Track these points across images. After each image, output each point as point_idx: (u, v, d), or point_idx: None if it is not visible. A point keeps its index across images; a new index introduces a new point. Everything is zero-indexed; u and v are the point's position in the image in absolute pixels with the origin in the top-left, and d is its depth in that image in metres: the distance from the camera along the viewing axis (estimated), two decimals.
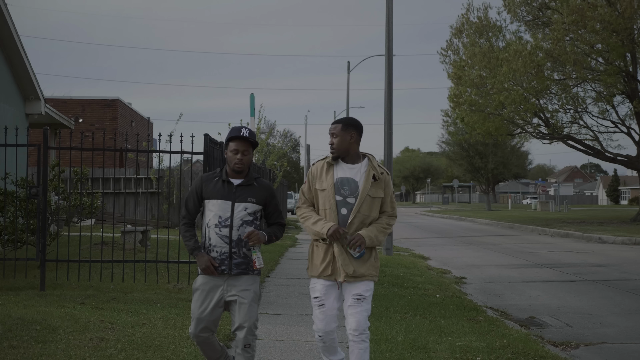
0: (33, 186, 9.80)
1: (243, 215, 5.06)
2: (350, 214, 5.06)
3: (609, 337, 8.56)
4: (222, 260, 5.02)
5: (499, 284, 13.42)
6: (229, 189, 5.08)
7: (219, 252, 5.03)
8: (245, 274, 5.04)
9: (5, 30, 14.60)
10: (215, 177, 5.18)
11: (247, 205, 5.07)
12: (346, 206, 5.08)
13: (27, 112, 16.53)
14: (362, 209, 5.07)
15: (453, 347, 7.17)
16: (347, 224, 5.05)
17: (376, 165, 5.18)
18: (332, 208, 5.06)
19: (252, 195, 5.10)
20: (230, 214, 5.03)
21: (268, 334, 7.65)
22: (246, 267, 5.04)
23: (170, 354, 6.22)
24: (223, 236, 5.02)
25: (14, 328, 6.69)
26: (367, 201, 5.09)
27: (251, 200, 5.08)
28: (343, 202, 5.09)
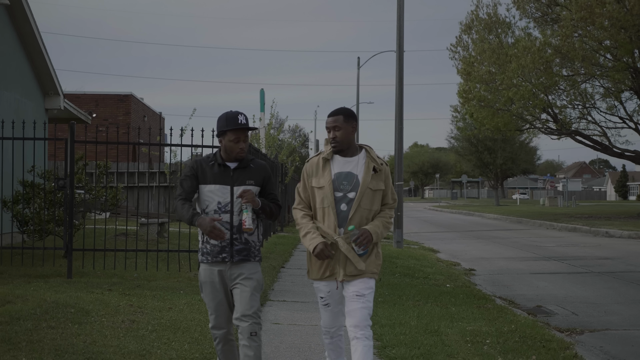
0: (61, 178, 10.23)
1: None
2: (350, 210, 4.81)
3: (613, 324, 8.92)
4: (223, 247, 4.84)
5: (507, 276, 13.77)
6: (226, 173, 4.91)
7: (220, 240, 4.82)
8: (248, 261, 4.89)
9: (26, 27, 15.02)
10: (210, 161, 4.97)
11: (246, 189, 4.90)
12: (346, 201, 4.82)
13: (46, 107, 16.96)
14: (363, 203, 4.83)
15: (463, 331, 7.56)
16: (347, 219, 4.81)
17: (375, 157, 4.94)
18: (332, 205, 4.80)
19: (250, 177, 4.95)
20: (230, 198, 4.87)
21: (287, 319, 8.07)
22: (247, 253, 4.89)
23: (197, 335, 6.63)
24: (224, 222, 4.84)
25: (50, 310, 7.13)
26: (368, 195, 4.84)
27: (250, 182, 4.93)
28: (343, 197, 4.83)
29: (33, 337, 6.17)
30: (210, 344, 6.29)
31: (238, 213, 4.85)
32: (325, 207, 4.83)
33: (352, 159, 4.91)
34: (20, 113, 14.78)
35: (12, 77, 14.86)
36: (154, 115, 39.81)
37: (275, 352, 6.50)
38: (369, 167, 4.88)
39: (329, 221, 4.83)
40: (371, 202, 4.87)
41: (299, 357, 6.37)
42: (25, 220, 11.38)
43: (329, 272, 4.86)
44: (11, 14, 14.60)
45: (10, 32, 14.76)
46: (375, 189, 4.88)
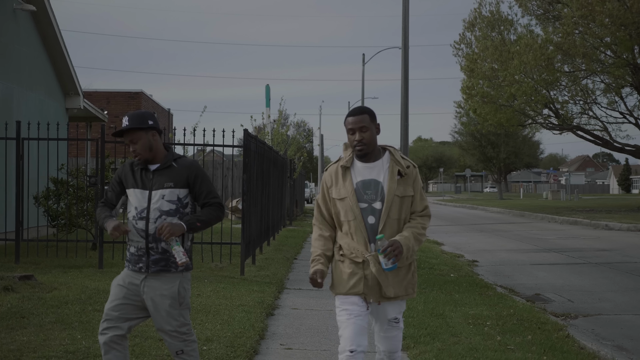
0: (92, 176, 10.99)
1: (161, 204, 4.46)
2: (379, 222, 4.29)
3: (605, 310, 9.63)
4: (140, 256, 4.47)
5: (509, 266, 14.48)
6: (147, 176, 4.51)
7: (137, 247, 4.50)
8: (167, 272, 4.47)
9: (50, 31, 15.78)
10: (137, 164, 4.59)
11: (164, 193, 4.48)
12: (373, 213, 4.30)
13: (67, 106, 17.73)
14: (392, 213, 4.30)
15: (466, 314, 8.31)
16: (377, 233, 4.29)
17: (400, 159, 4.41)
18: (358, 218, 4.29)
19: (169, 179, 4.49)
20: (147, 204, 4.46)
21: (304, 305, 8.83)
22: (166, 263, 4.46)
23: (227, 317, 7.39)
24: (139, 229, 4.46)
25: (93, 296, 7.92)
26: (396, 203, 4.32)
27: (168, 185, 4.48)
28: (369, 209, 4.31)
29: (82, 318, 6.96)
30: (239, 325, 7.05)
31: (155, 221, 4.45)
32: (351, 220, 4.33)
33: (375, 164, 4.37)
34: (44, 113, 15.55)
35: (36, 78, 15.63)
36: (163, 112, 40.58)
37: (296, 333, 7.24)
38: (393, 172, 4.34)
39: (358, 236, 4.32)
40: (399, 210, 4.35)
41: (318, 336, 7.11)
42: (56, 215, 12.15)
43: (362, 288, 4.31)
44: (36, 19, 15.36)
45: (35, 35, 15.52)
46: (402, 196, 4.35)
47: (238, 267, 10.98)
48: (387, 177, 4.34)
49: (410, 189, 4.39)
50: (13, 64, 14.43)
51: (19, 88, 14.64)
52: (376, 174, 4.36)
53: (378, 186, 4.34)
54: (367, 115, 4.37)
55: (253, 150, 11.32)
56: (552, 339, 7.23)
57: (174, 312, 4.45)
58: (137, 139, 4.45)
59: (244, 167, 10.79)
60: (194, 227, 4.45)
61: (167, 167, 4.51)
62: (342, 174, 4.39)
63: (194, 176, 4.51)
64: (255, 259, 12.19)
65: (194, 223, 4.43)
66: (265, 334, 7.05)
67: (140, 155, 4.47)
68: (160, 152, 4.55)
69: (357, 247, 4.30)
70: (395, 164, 4.38)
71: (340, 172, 4.40)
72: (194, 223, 4.44)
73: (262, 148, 13.11)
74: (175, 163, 4.53)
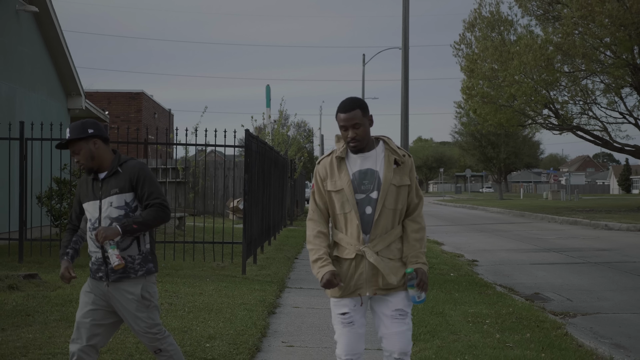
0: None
1: (110, 212, 4.47)
2: (375, 212, 4.19)
3: (604, 309, 9.72)
4: (99, 266, 4.52)
5: (508, 266, 14.56)
6: (97, 186, 4.53)
7: (95, 257, 4.54)
8: (127, 278, 4.48)
9: (52, 32, 15.87)
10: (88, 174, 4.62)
11: (111, 200, 4.48)
12: (370, 203, 4.20)
13: (68, 107, 17.82)
14: (387, 202, 4.20)
15: (465, 313, 8.40)
16: (372, 224, 4.19)
17: (395, 148, 4.31)
18: (354, 209, 4.18)
19: (115, 186, 4.49)
20: (98, 214, 4.49)
21: (306, 304, 8.92)
22: (124, 270, 4.48)
23: (229, 315, 7.48)
24: (94, 240, 4.48)
25: None
26: (392, 192, 4.21)
27: (114, 191, 4.48)
28: (366, 199, 4.20)
29: None
30: (241, 322, 7.13)
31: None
32: (347, 212, 4.21)
33: (370, 154, 4.26)
34: (46, 113, 15.64)
35: (38, 79, 15.72)
36: (164, 112, 40.66)
37: (298, 331, 7.33)
38: (389, 161, 4.25)
39: (352, 228, 4.20)
40: (396, 200, 4.23)
41: (320, 334, 7.20)
42: (59, 214, 12.24)
43: (353, 287, 4.20)
44: (38, 20, 15.45)
45: (37, 36, 15.61)
46: (399, 185, 4.23)
47: (239, 267, 11.07)
48: (384, 166, 4.23)
49: (407, 178, 4.28)
50: (16, 64, 14.53)
51: (22, 88, 14.73)
52: (372, 163, 4.24)
53: (374, 175, 4.22)
54: (359, 110, 4.22)
55: (254, 151, 11.41)
56: (550, 336, 7.31)
57: (141, 315, 4.49)
58: (79, 150, 4.47)
59: (246, 167, 10.87)
60: (130, 230, 4.39)
61: (113, 174, 4.50)
62: (337, 165, 4.26)
63: (136, 178, 4.47)
64: (257, 259, 12.28)
65: (129, 225, 4.39)
66: (267, 332, 7.14)
67: (84, 165, 4.49)
68: (107, 160, 4.54)
69: (351, 240, 4.19)
70: (391, 153, 4.28)
71: (335, 163, 4.27)
72: (130, 225, 4.39)
73: (263, 148, 13.20)
74: (120, 168, 4.51)
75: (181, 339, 6.33)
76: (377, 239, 4.18)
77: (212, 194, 26.61)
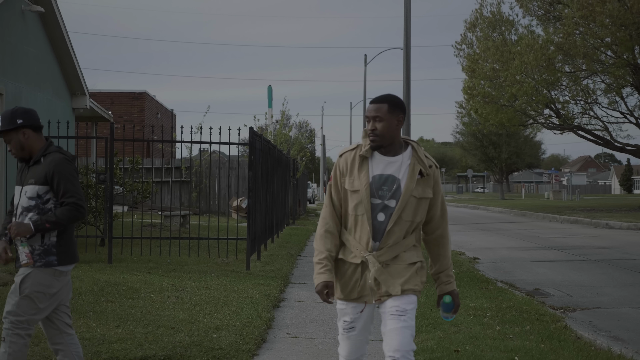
0: (102, 173, 11.25)
1: (23, 200, 4.47)
2: (389, 221, 3.97)
3: (603, 304, 9.87)
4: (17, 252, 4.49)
5: (509, 263, 14.71)
6: (25, 172, 4.56)
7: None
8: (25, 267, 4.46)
9: (57, 32, 16.03)
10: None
11: (26, 189, 4.47)
12: (385, 211, 3.98)
13: (73, 106, 17.96)
14: (405, 214, 3.98)
15: (467, 307, 8.54)
16: (384, 232, 3.97)
17: (423, 157, 4.06)
18: (367, 214, 3.98)
19: (33, 176, 4.47)
20: (19, 200, 4.51)
21: (309, 298, 9.07)
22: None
23: (234, 308, 7.64)
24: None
25: (105, 288, 8.19)
26: (412, 204, 3.99)
27: (31, 181, 4.46)
28: (381, 205, 3.99)
29: (96, 308, 7.22)
30: (246, 315, 7.29)
31: (18, 217, 4.46)
32: (359, 214, 4.01)
33: (395, 159, 4.04)
34: (51, 112, 15.79)
35: (44, 79, 15.89)
36: (166, 112, 40.84)
37: (302, 323, 7.49)
38: (414, 171, 4.01)
39: (362, 233, 4.02)
40: (414, 212, 4.02)
41: (323, 326, 7.36)
42: None
43: (357, 293, 4.04)
44: (44, 20, 15.62)
45: (42, 36, 15.78)
46: (420, 197, 4.02)
47: (244, 263, 11.22)
48: (407, 175, 3.99)
49: (430, 191, 4.05)
50: (22, 64, 14.69)
51: (28, 88, 14.90)
52: (395, 169, 4.01)
53: (395, 183, 3.99)
54: (387, 105, 4.02)
55: (258, 148, 11.57)
56: (550, 329, 7.46)
57: (13, 297, 4.43)
58: (9, 140, 4.48)
59: (250, 164, 11.03)
60: (43, 229, 4.35)
61: (36, 163, 4.49)
62: (359, 163, 4.04)
63: (52, 173, 4.41)
64: (260, 255, 12.44)
65: (42, 224, 4.34)
66: (272, 324, 7.30)
67: (15, 154, 4.52)
68: (37, 148, 4.53)
69: (358, 245, 4.00)
70: (417, 162, 4.03)
71: (357, 161, 4.05)
72: (43, 224, 4.34)
73: (267, 146, 13.36)
74: (43, 159, 4.49)
75: (189, 329, 6.49)
76: (386, 249, 3.97)
77: (215, 193, 26.77)
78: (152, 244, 11.87)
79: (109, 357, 5.56)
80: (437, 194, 4.09)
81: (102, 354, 5.60)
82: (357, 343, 4.10)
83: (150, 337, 6.15)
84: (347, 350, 4.13)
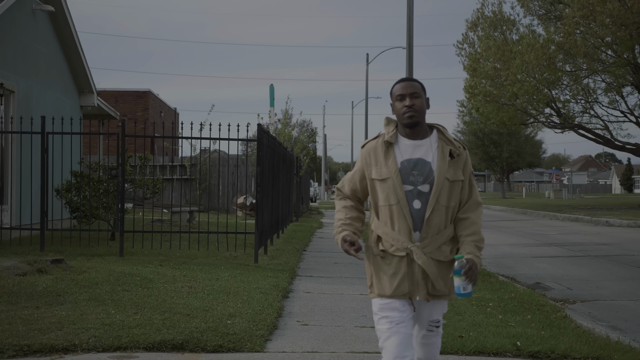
0: (113, 168, 11.54)
1: None
2: (426, 208, 3.76)
3: (602, 296, 10.13)
4: None
5: (510, 259, 14.97)
6: None
7: None
8: None
9: (67, 31, 16.32)
10: None
11: None
12: (420, 197, 3.77)
13: (81, 104, 18.26)
14: (441, 198, 3.78)
15: (470, 298, 8.81)
16: (422, 221, 3.77)
17: (451, 138, 3.91)
18: (402, 202, 3.75)
19: None
20: None
21: (316, 289, 9.36)
22: None
23: (246, 297, 7.92)
24: None
25: (120, 278, 8.48)
26: (446, 187, 3.79)
27: None
28: (415, 192, 3.77)
29: (114, 296, 7.50)
30: (258, 304, 7.56)
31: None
32: (393, 204, 3.78)
33: (423, 142, 3.85)
34: (60, 110, 16.08)
35: (54, 77, 16.18)
36: (169, 111, 41.13)
37: (311, 312, 7.76)
38: (444, 152, 3.84)
39: (401, 223, 3.79)
40: (449, 197, 3.82)
41: (332, 315, 7.63)
42: (76, 206, 12.70)
43: (406, 288, 3.81)
44: (53, 19, 15.91)
45: (52, 35, 16.07)
46: (453, 180, 3.83)
47: (252, 256, 11.50)
48: (437, 157, 3.81)
49: (461, 173, 3.86)
50: (33, 62, 14.97)
51: (38, 86, 15.18)
52: (424, 152, 3.83)
53: (426, 167, 3.80)
54: (419, 84, 3.91)
55: (265, 145, 11.86)
56: (550, 318, 7.73)
57: None
58: None
59: (258, 160, 11.31)
60: None
61: None
62: (384, 151, 3.84)
63: None
64: (267, 249, 12.71)
65: None
66: (282, 313, 7.56)
67: None
68: None
69: (398, 237, 3.77)
70: (446, 143, 3.87)
71: (381, 148, 3.86)
72: None
73: (273, 143, 13.64)
74: None
75: (204, 316, 6.77)
76: (429, 239, 3.77)
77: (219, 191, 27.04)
78: (162, 238, 12.16)
79: (129, 341, 5.83)
80: (466, 176, 3.89)
81: (122, 338, 5.87)
82: (407, 340, 3.76)
83: (167, 322, 6.42)
84: (397, 348, 3.73)
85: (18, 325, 6.17)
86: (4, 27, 13.38)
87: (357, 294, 9.03)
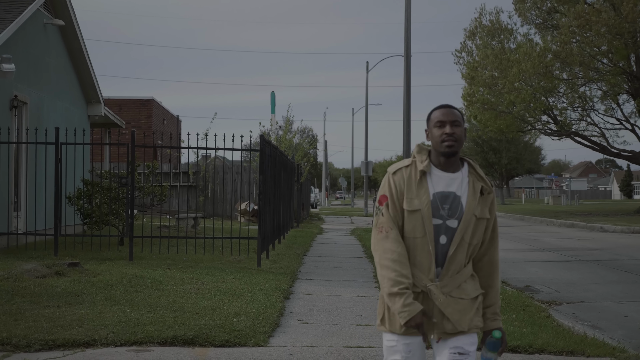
0: (123, 177, 12.13)
1: None
2: (451, 244, 3.60)
3: (587, 298, 10.69)
4: None
5: (504, 264, 15.47)
6: None
7: None
8: None
9: (76, 43, 16.94)
10: None
11: None
12: (447, 233, 3.61)
13: (89, 113, 18.86)
14: (466, 235, 3.62)
15: None
16: (446, 258, 3.60)
17: (482, 175, 3.77)
18: (430, 236, 3.60)
19: None
20: None
21: (316, 291, 9.94)
22: None
23: (250, 298, 8.51)
24: None
25: (133, 280, 9.08)
26: (472, 224, 3.64)
27: None
28: (442, 226, 3.62)
29: (128, 297, 8.09)
30: (261, 304, 8.14)
31: None
32: (418, 237, 3.62)
33: (456, 175, 3.70)
34: (69, 120, 16.69)
35: (63, 88, 16.80)
36: (172, 118, 41.74)
37: (311, 312, 8.34)
38: (475, 188, 3.69)
39: (423, 257, 3.63)
40: (473, 234, 3.65)
41: (330, 314, 8.21)
42: (87, 213, 13.30)
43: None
44: (63, 33, 16.53)
45: (62, 48, 16.69)
46: (479, 217, 3.67)
47: (254, 260, 12.08)
48: (468, 192, 3.65)
49: (487, 211, 3.69)
50: (44, 75, 15.58)
51: (49, 97, 15.79)
52: (456, 186, 3.66)
53: (457, 201, 3.63)
54: (460, 112, 3.76)
55: (268, 154, 12.44)
56: (534, 317, 8.28)
57: None
58: None
59: (260, 169, 11.90)
60: None
61: None
62: (418, 180, 3.65)
63: None
64: (269, 254, 13.29)
65: None
66: (284, 312, 8.14)
67: None
68: None
69: (418, 273, 3.60)
70: (477, 179, 3.72)
71: (414, 177, 3.66)
72: None
73: (275, 152, 14.23)
74: None
75: (211, 315, 7.35)
76: (449, 278, 3.60)
77: (221, 197, 27.65)
78: (169, 243, 12.77)
79: (144, 336, 6.42)
80: (492, 215, 3.74)
81: (138, 334, 6.46)
82: None
83: (178, 320, 7.00)
84: None
85: (42, 322, 6.76)
86: (18, 42, 13.99)
87: (354, 296, 9.61)
